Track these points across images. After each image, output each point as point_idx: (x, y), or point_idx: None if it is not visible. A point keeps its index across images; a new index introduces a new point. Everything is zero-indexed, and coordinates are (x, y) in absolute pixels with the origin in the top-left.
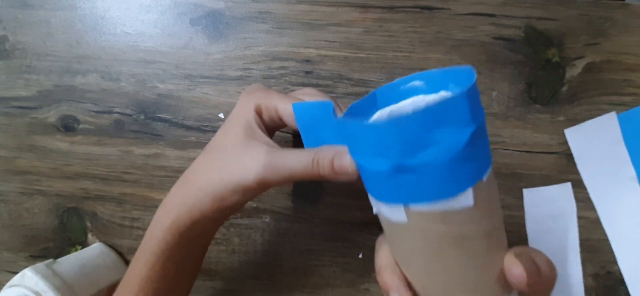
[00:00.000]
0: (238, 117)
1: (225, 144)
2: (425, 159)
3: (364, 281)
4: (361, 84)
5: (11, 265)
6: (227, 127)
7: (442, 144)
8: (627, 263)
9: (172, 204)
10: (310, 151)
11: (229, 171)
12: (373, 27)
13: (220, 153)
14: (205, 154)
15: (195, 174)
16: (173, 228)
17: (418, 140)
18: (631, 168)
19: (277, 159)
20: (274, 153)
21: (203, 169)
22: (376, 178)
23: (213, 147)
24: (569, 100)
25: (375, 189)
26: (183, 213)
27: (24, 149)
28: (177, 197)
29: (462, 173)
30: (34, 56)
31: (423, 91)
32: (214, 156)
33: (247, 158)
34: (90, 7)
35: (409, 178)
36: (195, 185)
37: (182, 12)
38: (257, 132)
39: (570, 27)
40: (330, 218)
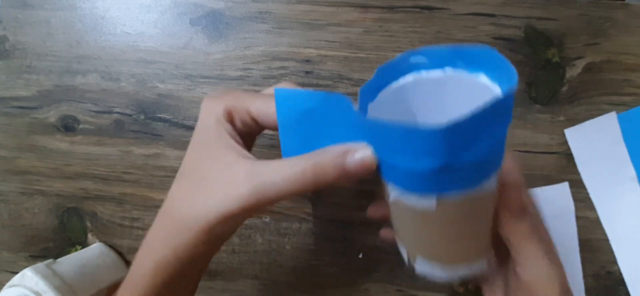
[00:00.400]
0: (206, 130)
1: (199, 168)
2: (470, 157)
3: (364, 281)
4: (361, 84)
5: (11, 265)
6: (196, 145)
7: (486, 140)
8: (627, 263)
9: (154, 243)
10: (302, 158)
11: (212, 200)
12: (373, 27)
13: (195, 179)
14: (180, 181)
15: (174, 208)
16: (158, 271)
17: (467, 140)
18: (631, 168)
19: (262, 178)
20: (257, 169)
21: (181, 200)
22: (411, 175)
23: (186, 172)
24: (569, 100)
25: (404, 182)
26: (168, 254)
27: (24, 149)
28: (158, 235)
29: (494, 162)
30: (34, 56)
31: (425, 67)
32: (189, 183)
33: (228, 182)
34: (90, 7)
35: (449, 174)
36: (176, 220)
37: (182, 12)
38: (232, 146)
39: (570, 27)
40: (330, 218)
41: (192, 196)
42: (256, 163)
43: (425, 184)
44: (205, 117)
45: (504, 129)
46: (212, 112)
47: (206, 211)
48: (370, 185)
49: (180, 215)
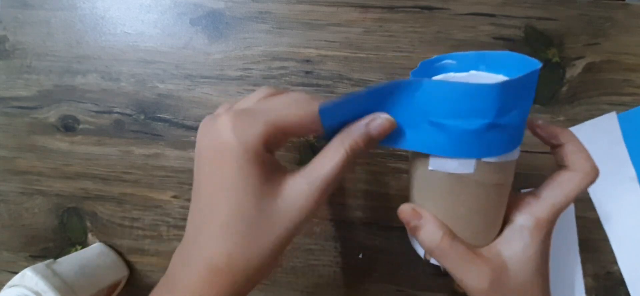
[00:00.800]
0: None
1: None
2: (511, 120)
3: (364, 281)
4: (361, 84)
5: (11, 265)
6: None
7: (520, 108)
8: (627, 263)
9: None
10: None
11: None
12: (373, 27)
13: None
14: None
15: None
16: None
17: (510, 103)
18: (631, 168)
19: (320, 179)
20: (312, 174)
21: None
22: (458, 135)
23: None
24: (569, 100)
25: (448, 147)
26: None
27: (24, 149)
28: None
29: (521, 133)
30: (34, 56)
31: (454, 69)
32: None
33: (293, 202)
34: (90, 7)
35: (491, 135)
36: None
37: (182, 12)
38: (276, 169)
39: (570, 27)
40: (330, 218)
41: (254, 239)
42: (308, 169)
43: (469, 145)
44: (238, 157)
45: (531, 100)
46: (244, 149)
47: (275, 242)
48: (370, 185)
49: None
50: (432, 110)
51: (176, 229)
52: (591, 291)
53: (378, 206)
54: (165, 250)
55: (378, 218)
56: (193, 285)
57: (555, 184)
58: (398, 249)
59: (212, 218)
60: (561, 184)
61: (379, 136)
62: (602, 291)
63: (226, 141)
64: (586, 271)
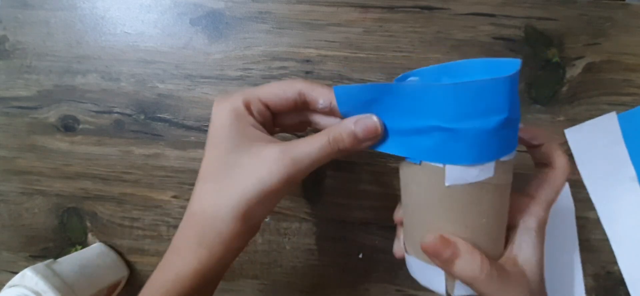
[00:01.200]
0: (226, 129)
1: (227, 162)
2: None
3: (364, 281)
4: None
5: (11, 265)
6: (218, 143)
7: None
8: (627, 263)
9: (184, 246)
10: (322, 132)
11: (248, 182)
12: (373, 27)
13: (223, 173)
14: (205, 181)
15: (203, 206)
16: (188, 276)
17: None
18: (631, 168)
19: (295, 152)
20: (289, 146)
21: (211, 196)
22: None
23: (210, 170)
24: (569, 100)
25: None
26: (202, 255)
27: (24, 149)
28: (189, 238)
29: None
30: (34, 56)
31: None
32: (217, 178)
33: (263, 162)
34: (90, 7)
35: (506, 131)
36: (208, 216)
37: (182, 12)
38: (258, 134)
39: (570, 27)
40: (330, 218)
41: (223, 187)
42: (287, 142)
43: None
44: (221, 116)
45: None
46: (228, 110)
47: (243, 194)
48: (370, 185)
49: (212, 211)
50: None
51: (176, 229)
52: (591, 291)
53: (378, 206)
54: (165, 249)
55: (378, 218)
56: (178, 235)
57: (545, 183)
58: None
59: (200, 170)
60: (550, 182)
61: (363, 137)
62: (602, 291)
63: (214, 110)
64: (586, 271)
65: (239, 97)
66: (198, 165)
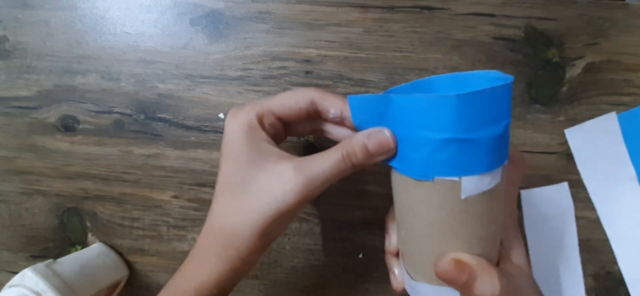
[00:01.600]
0: (240, 142)
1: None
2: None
3: (364, 281)
4: (361, 84)
5: (11, 265)
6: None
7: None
8: (627, 263)
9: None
10: (336, 147)
11: (265, 202)
12: (373, 27)
13: (240, 190)
14: (223, 197)
15: (223, 221)
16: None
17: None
18: (631, 168)
19: (309, 169)
20: (302, 164)
21: (229, 212)
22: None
23: (228, 186)
24: (569, 100)
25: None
26: (221, 268)
27: (24, 149)
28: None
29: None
30: (34, 56)
31: None
32: (235, 195)
33: (278, 181)
34: (90, 7)
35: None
36: (227, 232)
37: (182, 12)
38: (271, 149)
39: (570, 27)
40: (330, 218)
41: (241, 205)
42: (301, 159)
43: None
44: (235, 130)
45: None
46: (242, 124)
47: (260, 213)
48: (370, 185)
49: (232, 226)
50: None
51: (176, 229)
52: (591, 291)
53: (378, 206)
54: (165, 249)
55: (378, 218)
56: (198, 246)
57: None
58: None
59: (217, 184)
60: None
61: (375, 151)
62: (602, 291)
63: (228, 124)
64: (586, 271)
65: (252, 111)
66: (198, 165)
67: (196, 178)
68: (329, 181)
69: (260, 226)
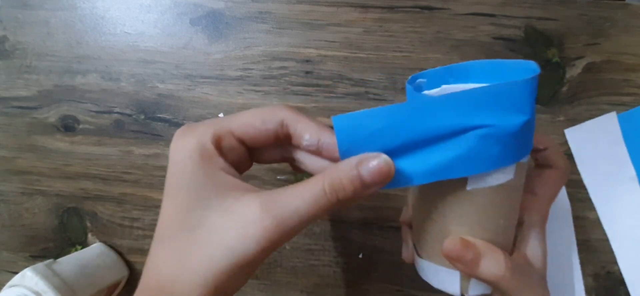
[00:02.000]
0: (189, 168)
1: (189, 219)
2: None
3: (364, 281)
4: (361, 84)
5: (11, 265)
6: (178, 193)
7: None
8: (627, 263)
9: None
10: (315, 179)
11: (218, 251)
12: (373, 27)
13: (189, 231)
14: (163, 243)
15: (161, 275)
16: None
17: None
18: (631, 168)
19: (280, 208)
20: (271, 200)
21: (171, 263)
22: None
23: (170, 229)
24: (569, 100)
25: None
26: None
27: (24, 149)
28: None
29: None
30: (34, 56)
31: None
32: (178, 240)
33: (237, 222)
34: (90, 7)
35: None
36: (167, 290)
37: (182, 12)
38: (230, 181)
39: (570, 27)
40: (330, 218)
41: (186, 256)
42: (269, 193)
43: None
44: (182, 157)
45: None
46: (192, 148)
47: (210, 267)
48: None
49: (172, 284)
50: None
51: None
52: (591, 291)
53: (378, 206)
54: None
55: (378, 218)
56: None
57: (545, 182)
58: (398, 249)
59: (157, 227)
60: (550, 181)
61: (371, 182)
62: (602, 291)
63: (173, 149)
64: (586, 271)
65: (207, 131)
66: None
67: None
68: (305, 224)
69: (210, 283)
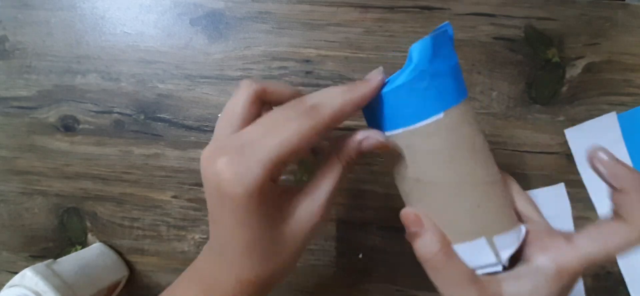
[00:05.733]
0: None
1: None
2: (455, 59)
3: (364, 281)
4: None
5: (11, 265)
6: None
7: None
8: (627, 263)
9: None
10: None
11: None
12: (373, 27)
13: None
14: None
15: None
16: None
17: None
18: None
19: (321, 195)
20: (313, 192)
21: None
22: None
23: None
24: (569, 100)
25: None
26: None
27: (24, 149)
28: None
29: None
30: (34, 56)
31: None
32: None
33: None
34: (90, 7)
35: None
36: (263, 279)
37: (182, 12)
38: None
39: (570, 27)
40: (330, 218)
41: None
42: (309, 187)
43: (421, 96)
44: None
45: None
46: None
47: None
48: (370, 185)
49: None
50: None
51: (176, 229)
52: (591, 291)
53: (378, 206)
54: (165, 249)
55: (378, 218)
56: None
57: (597, 233)
58: (398, 249)
59: (234, 245)
60: (605, 235)
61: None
62: (602, 291)
63: (231, 192)
64: (586, 271)
65: (262, 174)
66: (198, 165)
67: (196, 178)
68: (337, 192)
69: (294, 260)
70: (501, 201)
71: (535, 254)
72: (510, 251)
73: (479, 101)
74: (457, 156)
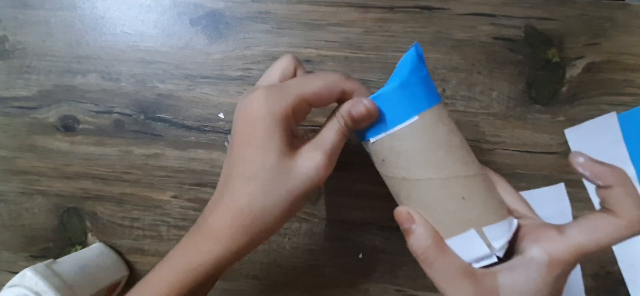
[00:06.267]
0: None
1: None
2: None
3: (364, 281)
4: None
5: (11, 265)
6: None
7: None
8: (627, 263)
9: (227, 233)
10: (332, 119)
11: (297, 184)
12: (373, 27)
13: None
14: (251, 181)
15: (251, 200)
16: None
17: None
18: (631, 168)
19: (327, 146)
20: (321, 143)
21: (261, 193)
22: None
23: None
24: (569, 100)
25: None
26: (244, 241)
27: (24, 149)
28: (232, 227)
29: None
30: (34, 56)
31: None
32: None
33: (307, 164)
34: (90, 7)
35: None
36: (257, 210)
37: (182, 12)
38: (298, 140)
39: (570, 27)
40: (330, 218)
41: (273, 189)
42: (316, 139)
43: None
44: (272, 123)
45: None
46: (279, 117)
47: (291, 194)
48: (370, 185)
49: (262, 206)
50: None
51: (176, 229)
52: (591, 291)
53: (378, 206)
54: (165, 249)
55: (378, 218)
56: (217, 224)
57: (587, 225)
58: (398, 249)
59: (241, 168)
60: (595, 227)
61: (359, 118)
62: (602, 291)
63: (259, 110)
64: (586, 271)
65: (289, 101)
66: (198, 165)
67: (196, 178)
68: (340, 149)
69: (291, 204)
70: (486, 193)
71: (528, 245)
72: (503, 241)
73: (479, 101)
74: (435, 153)
